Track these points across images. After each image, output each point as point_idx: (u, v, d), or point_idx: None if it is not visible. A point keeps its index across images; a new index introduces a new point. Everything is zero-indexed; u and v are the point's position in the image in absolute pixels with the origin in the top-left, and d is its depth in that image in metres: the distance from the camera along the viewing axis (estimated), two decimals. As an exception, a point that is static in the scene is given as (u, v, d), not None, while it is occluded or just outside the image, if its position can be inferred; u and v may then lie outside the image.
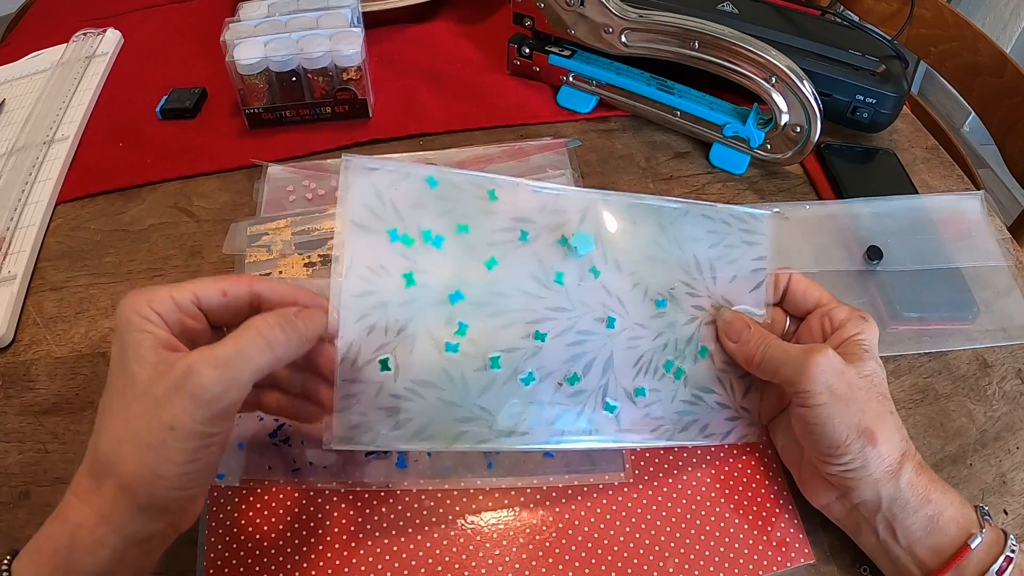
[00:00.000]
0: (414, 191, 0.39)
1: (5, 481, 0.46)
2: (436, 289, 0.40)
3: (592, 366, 0.43)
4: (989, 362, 0.53)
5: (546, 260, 0.42)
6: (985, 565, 0.38)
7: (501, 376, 0.41)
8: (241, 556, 0.42)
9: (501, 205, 0.42)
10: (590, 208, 0.44)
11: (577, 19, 0.68)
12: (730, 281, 0.47)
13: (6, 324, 0.53)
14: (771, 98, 0.62)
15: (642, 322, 0.45)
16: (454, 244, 0.40)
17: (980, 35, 0.88)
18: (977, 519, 0.39)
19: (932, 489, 0.39)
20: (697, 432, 0.46)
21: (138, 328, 0.34)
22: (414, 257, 0.39)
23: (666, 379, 0.45)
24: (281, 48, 0.65)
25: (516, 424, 0.41)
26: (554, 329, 0.42)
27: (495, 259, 0.41)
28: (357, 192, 0.38)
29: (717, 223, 0.47)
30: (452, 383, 0.40)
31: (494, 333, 0.41)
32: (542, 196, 0.43)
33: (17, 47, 0.83)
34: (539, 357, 0.42)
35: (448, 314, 0.40)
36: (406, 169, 0.39)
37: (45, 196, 0.63)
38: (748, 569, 0.42)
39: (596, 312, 0.43)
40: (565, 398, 0.42)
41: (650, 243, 0.45)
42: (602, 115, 0.72)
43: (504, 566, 0.42)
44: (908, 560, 0.39)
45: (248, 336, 0.34)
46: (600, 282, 0.43)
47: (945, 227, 0.60)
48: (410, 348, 0.39)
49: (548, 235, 0.43)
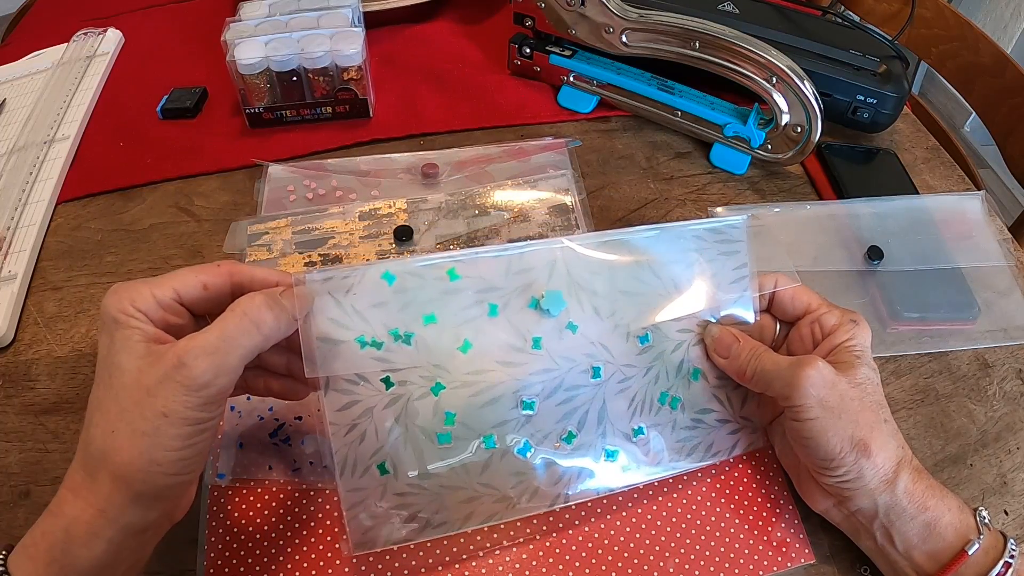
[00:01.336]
0: (373, 291, 0.39)
1: (5, 480, 0.46)
2: (417, 384, 0.39)
3: (586, 419, 0.43)
4: (990, 362, 0.53)
5: (521, 327, 0.41)
6: (984, 569, 0.38)
7: (497, 453, 0.41)
8: (241, 556, 0.42)
9: (464, 281, 0.40)
10: (557, 259, 0.42)
11: (578, 19, 0.68)
12: (713, 294, 0.45)
13: (7, 323, 0.53)
14: (772, 98, 0.62)
15: (629, 362, 0.44)
16: (425, 336, 0.39)
17: (981, 35, 0.88)
18: (975, 524, 0.39)
19: (929, 496, 0.39)
20: (703, 453, 0.45)
21: (125, 324, 0.34)
22: (388, 358, 0.39)
23: (663, 411, 0.45)
24: (282, 48, 0.65)
25: (521, 492, 0.42)
26: (542, 393, 0.42)
27: (468, 341, 0.40)
28: (317, 307, 0.37)
29: (690, 241, 0.45)
30: (452, 471, 0.40)
31: (482, 413, 0.41)
32: (505, 259, 0.41)
33: (18, 47, 0.83)
34: (531, 424, 0.42)
35: (433, 405, 0.40)
36: (360, 271, 0.38)
37: (46, 195, 0.63)
38: (748, 569, 0.42)
39: (581, 365, 0.43)
40: (565, 456, 0.42)
41: (624, 278, 0.44)
42: (603, 115, 0.72)
43: (504, 566, 0.42)
44: (906, 565, 0.39)
45: (235, 319, 0.34)
46: (580, 334, 0.42)
47: (946, 227, 0.60)
48: (403, 446, 0.40)
49: (518, 299, 0.41)
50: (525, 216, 0.61)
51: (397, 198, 0.62)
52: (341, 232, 0.59)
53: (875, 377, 0.42)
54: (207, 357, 0.33)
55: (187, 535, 0.43)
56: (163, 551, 0.43)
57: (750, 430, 0.47)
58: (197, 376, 0.32)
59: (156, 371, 0.33)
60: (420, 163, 0.65)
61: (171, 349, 0.33)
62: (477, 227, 0.60)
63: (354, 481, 0.39)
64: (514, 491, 0.41)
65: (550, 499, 0.42)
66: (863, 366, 0.41)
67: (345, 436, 0.39)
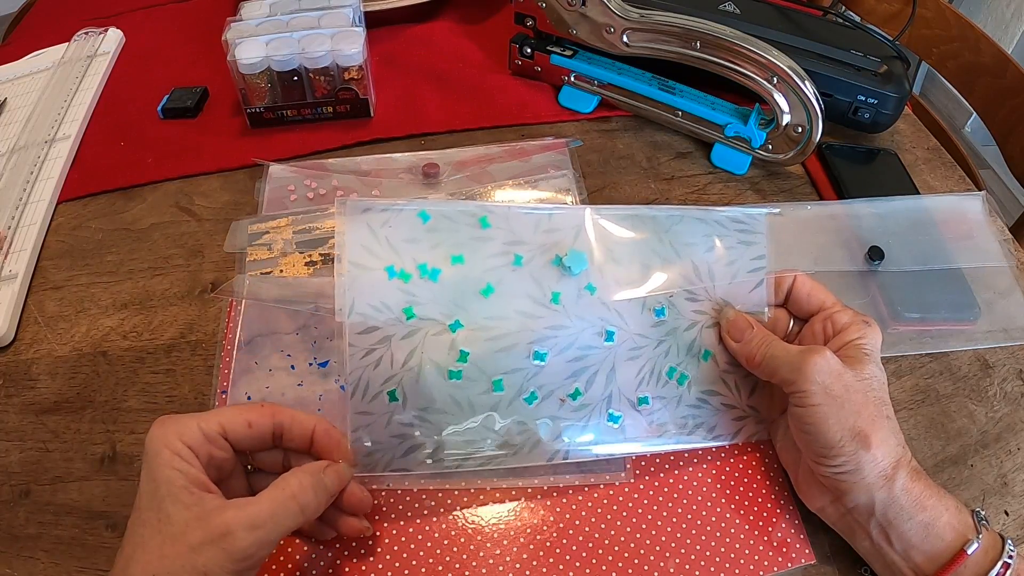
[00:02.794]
0: (407, 226, 0.41)
1: (6, 480, 0.46)
2: (436, 320, 0.41)
3: (594, 380, 0.44)
4: (990, 363, 0.53)
5: (542, 281, 0.43)
6: (983, 570, 0.37)
7: (505, 397, 0.42)
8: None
9: (494, 231, 0.43)
10: (583, 224, 0.44)
11: (579, 19, 0.68)
12: (730, 283, 0.47)
13: (7, 323, 0.53)
14: (773, 98, 0.62)
15: (642, 332, 0.45)
16: (450, 275, 0.41)
17: (982, 36, 0.88)
18: (974, 525, 0.39)
19: (927, 495, 0.39)
20: (705, 434, 0.46)
21: (168, 464, 0.35)
22: (412, 291, 0.41)
23: (670, 385, 0.46)
24: (283, 47, 0.65)
25: (523, 441, 0.43)
26: (554, 347, 0.43)
27: (491, 286, 0.42)
28: (352, 233, 0.40)
29: (712, 226, 0.46)
30: (459, 407, 0.42)
31: (495, 357, 0.42)
32: (535, 216, 0.44)
33: (18, 46, 0.83)
34: (541, 376, 0.43)
35: (449, 342, 0.41)
36: (398, 206, 0.41)
37: (46, 195, 0.63)
38: (748, 570, 0.42)
39: (595, 327, 0.44)
40: (569, 412, 0.43)
41: (646, 252, 0.45)
42: (603, 115, 0.72)
43: (505, 566, 0.42)
44: (904, 565, 0.39)
45: (282, 499, 0.36)
46: (597, 297, 0.44)
47: (946, 228, 0.60)
48: (415, 378, 0.41)
49: (542, 256, 0.43)
50: (526, 216, 0.61)
51: (398, 198, 0.62)
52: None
53: (882, 377, 0.42)
54: (253, 532, 0.34)
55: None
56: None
57: (755, 420, 0.47)
58: (242, 549, 0.34)
59: (203, 532, 0.34)
60: (421, 163, 0.65)
61: (220, 515, 0.34)
62: (478, 227, 0.60)
63: (364, 404, 0.40)
64: (515, 439, 0.42)
65: (549, 453, 0.43)
66: (871, 364, 0.42)
67: (362, 359, 0.40)
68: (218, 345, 0.52)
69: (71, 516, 0.45)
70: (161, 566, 0.34)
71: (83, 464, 0.47)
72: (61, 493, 0.46)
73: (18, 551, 0.43)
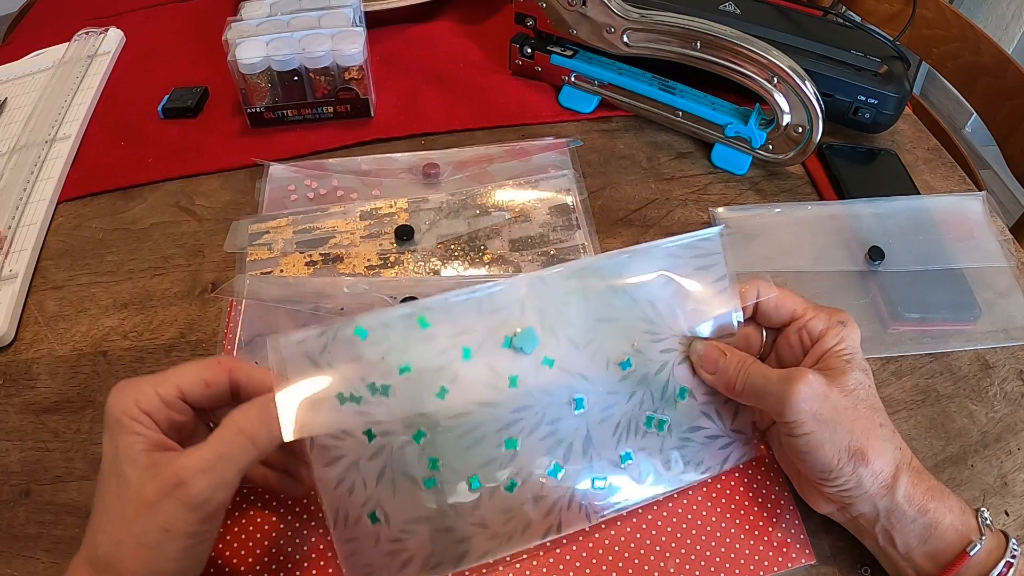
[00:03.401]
0: (346, 347, 0.39)
1: (6, 480, 0.46)
2: (398, 434, 0.40)
3: (572, 451, 0.43)
4: (990, 363, 0.53)
5: (497, 367, 0.41)
6: (986, 569, 0.38)
7: (485, 492, 0.41)
8: (242, 555, 0.42)
9: (435, 328, 0.40)
10: (527, 295, 0.42)
11: (579, 19, 0.68)
12: (693, 312, 0.44)
13: (7, 323, 0.53)
14: (773, 98, 0.62)
15: (611, 389, 0.43)
16: (401, 386, 0.40)
17: (982, 36, 0.88)
18: (977, 525, 0.39)
19: (930, 498, 0.39)
20: (693, 471, 0.45)
21: (128, 430, 0.35)
22: (368, 411, 0.39)
23: (650, 435, 0.44)
24: (283, 47, 0.65)
25: (513, 528, 0.42)
26: (524, 430, 0.42)
27: (444, 387, 0.40)
28: (294, 369, 0.38)
29: (664, 259, 0.44)
30: (442, 513, 0.41)
31: (466, 455, 0.41)
32: (475, 300, 0.41)
33: (19, 46, 0.83)
34: (516, 462, 0.42)
35: (417, 453, 0.40)
36: (332, 330, 0.39)
37: (47, 195, 0.63)
38: (749, 570, 0.42)
39: (562, 397, 0.42)
40: (552, 489, 0.42)
41: (600, 305, 0.43)
42: (604, 115, 0.72)
43: (505, 566, 0.42)
44: (907, 567, 0.39)
45: (230, 436, 0.35)
46: (558, 367, 0.42)
47: (947, 228, 0.60)
48: (392, 495, 0.40)
49: (492, 340, 0.41)
50: (526, 216, 0.61)
51: (398, 198, 0.62)
52: (342, 231, 0.59)
53: (867, 380, 0.41)
54: (204, 475, 0.34)
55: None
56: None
57: (742, 442, 0.46)
58: (195, 495, 0.34)
59: (157, 486, 0.34)
60: (421, 163, 0.65)
61: (171, 465, 0.34)
62: (478, 227, 0.60)
63: (348, 532, 0.39)
64: (505, 528, 0.41)
65: (542, 531, 0.42)
66: (854, 371, 0.41)
67: (335, 490, 0.39)
68: (218, 345, 0.52)
69: (71, 516, 0.45)
70: (125, 531, 0.34)
71: (83, 464, 0.47)
72: (61, 493, 0.46)
73: (18, 551, 0.43)
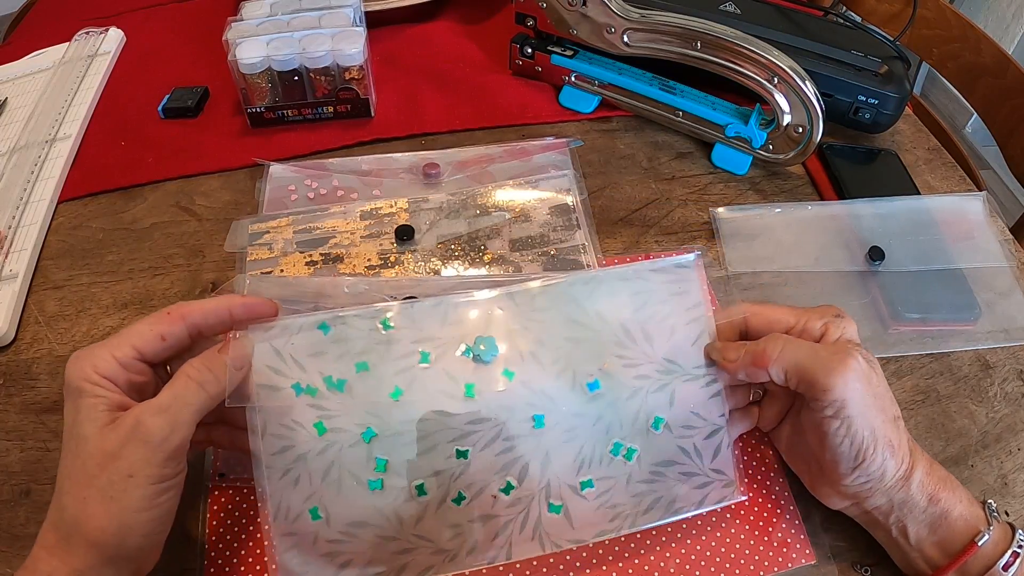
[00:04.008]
0: (310, 341, 0.40)
1: (6, 479, 0.46)
2: (349, 431, 0.40)
3: (527, 471, 0.41)
4: (991, 363, 0.53)
5: (455, 375, 0.41)
6: (992, 560, 0.38)
7: (432, 502, 0.40)
8: (242, 555, 0.42)
9: (398, 332, 0.40)
10: (495, 308, 0.42)
11: (579, 19, 0.68)
12: (669, 338, 0.43)
13: (8, 322, 0.53)
14: (773, 98, 0.62)
15: (576, 411, 0.42)
16: (357, 383, 0.40)
17: (982, 36, 0.88)
18: (985, 516, 0.40)
19: (941, 488, 0.40)
20: (664, 510, 0.42)
21: (90, 394, 0.36)
22: (322, 405, 0.39)
23: (616, 463, 0.42)
24: (283, 47, 0.65)
25: (457, 546, 0.41)
26: (478, 443, 0.41)
27: (399, 388, 0.40)
28: (258, 356, 0.39)
29: (637, 282, 0.43)
30: (385, 518, 0.40)
31: (415, 461, 0.40)
32: (442, 308, 0.41)
33: (19, 46, 0.83)
34: (467, 475, 0.40)
35: (365, 452, 0.40)
36: (299, 322, 0.40)
37: (47, 194, 0.63)
38: (748, 570, 0.42)
39: (521, 414, 0.41)
40: (503, 509, 0.41)
41: (568, 324, 0.42)
42: (604, 115, 0.72)
43: (505, 565, 0.42)
44: (917, 556, 0.40)
45: (181, 382, 0.37)
46: (518, 382, 0.41)
47: (947, 228, 0.60)
48: (335, 493, 0.40)
49: (453, 349, 0.41)
50: (526, 216, 0.61)
51: (398, 198, 0.62)
52: (343, 231, 0.59)
53: (878, 369, 0.41)
54: (161, 414, 0.35)
55: (187, 535, 0.43)
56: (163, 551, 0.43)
57: (722, 484, 0.43)
58: (154, 432, 0.35)
59: (118, 434, 0.35)
60: (421, 163, 0.65)
61: (129, 413, 0.35)
62: (478, 227, 0.60)
63: (287, 526, 0.39)
64: (451, 544, 0.40)
65: (490, 555, 0.41)
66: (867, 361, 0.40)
67: (280, 480, 0.39)
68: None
69: (71, 516, 0.45)
70: (90, 487, 0.34)
71: (83, 464, 0.47)
72: (61, 492, 0.46)
73: (18, 550, 0.43)
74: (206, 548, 0.43)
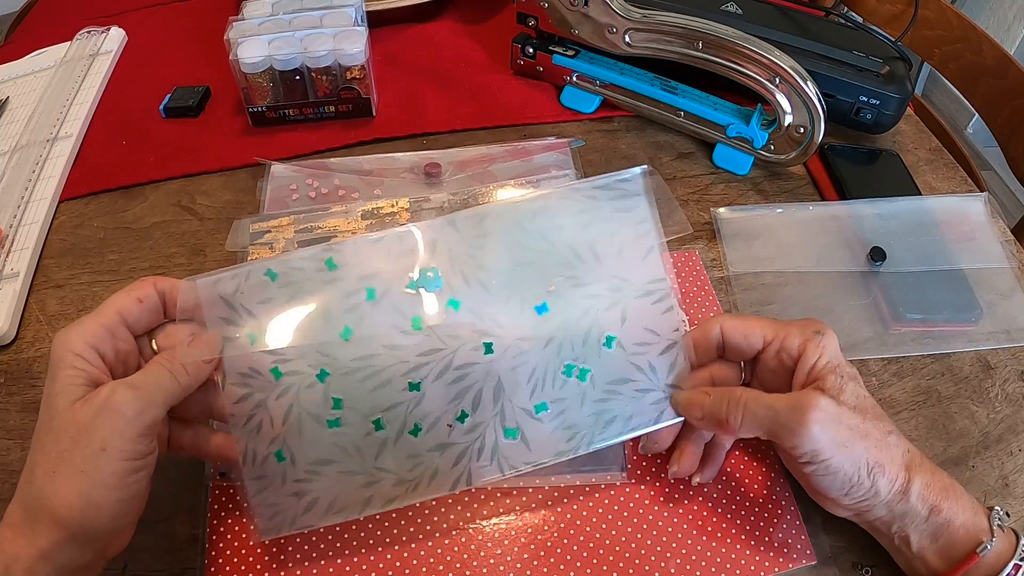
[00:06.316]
0: (259, 288, 0.40)
1: (7, 478, 0.46)
2: (304, 373, 0.41)
3: (481, 398, 0.42)
4: (992, 364, 0.53)
5: (402, 308, 0.41)
6: (995, 570, 0.38)
7: (390, 435, 0.41)
8: (243, 554, 0.42)
9: (343, 271, 0.41)
10: (438, 239, 0.42)
11: (581, 19, 0.68)
12: (617, 256, 0.43)
13: (9, 321, 0.53)
14: (775, 99, 0.62)
15: (525, 335, 0.42)
16: (308, 326, 0.41)
17: (984, 37, 0.88)
18: (988, 526, 0.39)
19: (943, 497, 0.39)
20: (621, 427, 0.43)
21: (70, 365, 0.36)
22: (276, 350, 0.40)
23: (569, 384, 0.42)
24: (285, 47, 0.65)
25: (419, 475, 0.42)
26: (429, 375, 0.41)
27: (348, 328, 0.41)
28: (209, 308, 0.40)
29: (582, 201, 0.43)
30: (346, 454, 0.41)
31: (370, 396, 0.41)
32: (385, 243, 0.42)
33: (20, 45, 0.83)
34: (422, 406, 0.41)
35: (322, 392, 0.41)
36: (245, 269, 0.40)
37: (48, 194, 0.63)
38: (749, 570, 0.42)
39: (470, 342, 0.42)
40: (461, 436, 0.42)
41: (514, 247, 0.42)
42: (606, 115, 0.72)
43: (505, 566, 0.42)
44: (919, 564, 0.40)
45: (154, 367, 0.38)
46: (465, 310, 0.42)
47: (948, 229, 0.60)
48: (297, 434, 0.41)
49: (398, 283, 0.42)
50: (527, 216, 0.61)
51: (400, 197, 0.62)
52: (344, 231, 0.59)
53: (860, 387, 0.40)
54: (134, 391, 0.36)
55: (188, 534, 0.43)
56: (163, 550, 0.43)
57: None
58: (127, 406, 0.35)
59: (90, 407, 0.35)
60: (423, 162, 0.65)
61: (103, 387, 0.36)
62: (479, 227, 0.60)
63: (256, 470, 0.40)
64: (412, 474, 0.41)
65: (451, 482, 0.42)
66: (847, 383, 0.40)
67: (244, 427, 0.40)
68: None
69: (72, 514, 0.45)
70: (60, 460, 0.34)
71: (84, 462, 0.47)
72: (62, 491, 0.46)
73: (19, 549, 0.43)
74: (206, 548, 0.43)
